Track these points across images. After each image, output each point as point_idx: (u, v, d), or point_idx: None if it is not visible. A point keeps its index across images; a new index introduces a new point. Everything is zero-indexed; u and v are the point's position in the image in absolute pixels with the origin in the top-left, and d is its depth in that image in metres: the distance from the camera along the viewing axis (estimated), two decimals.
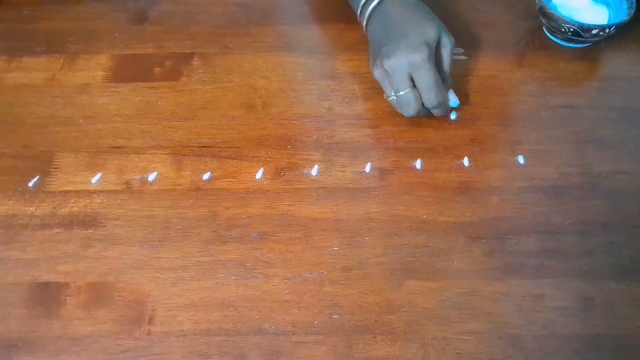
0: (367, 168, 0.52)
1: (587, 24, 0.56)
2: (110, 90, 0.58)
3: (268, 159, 0.53)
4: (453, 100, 0.54)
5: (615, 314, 0.43)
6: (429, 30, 0.50)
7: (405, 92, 0.50)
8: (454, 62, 0.53)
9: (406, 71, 0.49)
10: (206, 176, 0.52)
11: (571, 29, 0.57)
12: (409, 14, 0.52)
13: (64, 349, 0.43)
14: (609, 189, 0.50)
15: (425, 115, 0.54)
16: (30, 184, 0.51)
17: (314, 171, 0.52)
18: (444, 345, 0.42)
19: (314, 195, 0.50)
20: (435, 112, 0.53)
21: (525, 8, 0.64)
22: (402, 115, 0.55)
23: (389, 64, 0.50)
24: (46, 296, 0.45)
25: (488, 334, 0.43)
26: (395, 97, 0.51)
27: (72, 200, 0.50)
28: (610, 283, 0.45)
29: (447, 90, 0.53)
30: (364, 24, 0.56)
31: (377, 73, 0.52)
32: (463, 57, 0.60)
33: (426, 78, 0.49)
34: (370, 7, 0.54)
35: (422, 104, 0.51)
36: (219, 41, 0.62)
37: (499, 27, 0.63)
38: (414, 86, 0.50)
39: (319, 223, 0.49)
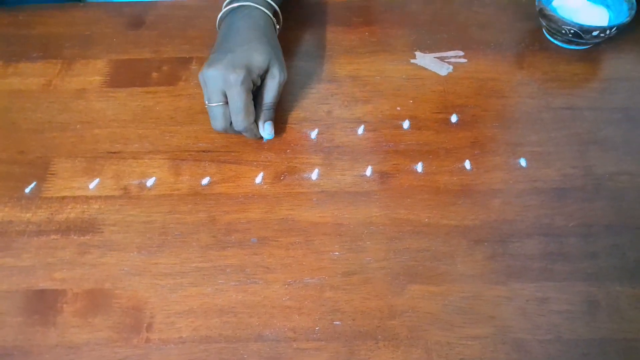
0: (368, 171, 0.51)
1: (587, 26, 0.56)
2: (107, 95, 0.58)
3: (268, 163, 0.52)
4: (267, 132, 0.52)
5: (621, 317, 0.43)
6: (258, 56, 0.50)
7: (215, 105, 0.50)
8: (455, 65, 0.53)
9: (220, 86, 0.49)
10: (205, 181, 0.51)
11: (571, 31, 0.57)
12: (251, 34, 0.52)
13: (60, 358, 0.42)
14: (613, 191, 0.49)
15: (235, 133, 0.52)
16: (27, 190, 0.51)
17: (314, 175, 0.51)
18: (447, 350, 0.42)
19: (314, 199, 0.50)
20: (245, 134, 0.52)
21: (525, 10, 0.64)
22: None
23: (207, 72, 0.49)
24: (42, 304, 0.44)
25: (492, 338, 0.42)
26: (207, 106, 0.51)
27: (69, 206, 0.50)
28: (616, 286, 0.44)
29: (264, 120, 0.52)
30: (218, 21, 0.55)
31: (199, 76, 0.50)
32: (463, 60, 0.60)
33: (236, 100, 0.49)
34: (228, 8, 0.54)
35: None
36: None
37: (499, 29, 0.63)
38: (227, 102, 0.50)
39: (319, 227, 0.48)
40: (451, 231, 0.47)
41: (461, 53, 0.61)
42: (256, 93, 0.52)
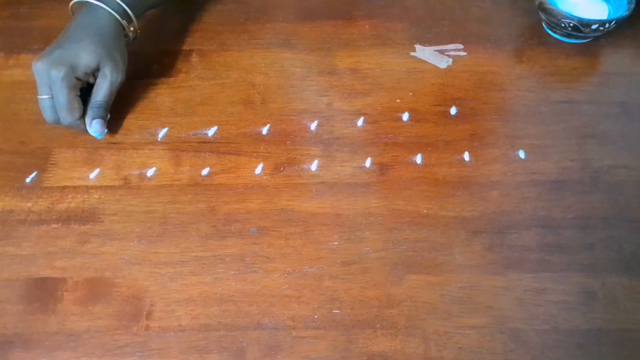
0: (367, 163, 0.52)
1: (586, 19, 0.56)
2: None
3: (267, 155, 0.52)
4: (95, 129, 0.51)
5: (617, 308, 0.43)
6: (87, 55, 0.50)
7: (43, 97, 0.50)
8: (455, 58, 0.53)
9: (46, 79, 0.50)
10: (205, 171, 0.51)
11: (571, 24, 0.57)
12: (86, 32, 0.52)
13: (60, 345, 0.42)
14: (610, 183, 0.50)
15: (66, 126, 0.52)
16: (28, 180, 0.51)
17: (314, 166, 0.51)
18: (445, 339, 0.42)
19: (313, 190, 0.50)
20: (73, 129, 0.53)
21: (525, 4, 0.64)
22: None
23: (34, 65, 0.50)
24: (43, 292, 0.45)
25: (489, 328, 0.43)
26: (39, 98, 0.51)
27: (70, 196, 0.50)
28: (612, 277, 0.45)
29: (91, 118, 0.51)
30: (70, 10, 0.55)
31: (32, 65, 0.50)
32: (463, 53, 0.60)
33: (58, 96, 0.50)
34: (76, 1, 0.54)
35: None
36: (217, 38, 0.62)
37: (498, 22, 0.63)
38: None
39: (318, 218, 0.48)
40: (450, 222, 0.48)
41: (461, 46, 0.61)
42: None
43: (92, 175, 0.51)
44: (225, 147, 0.53)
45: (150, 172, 0.51)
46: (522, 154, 0.52)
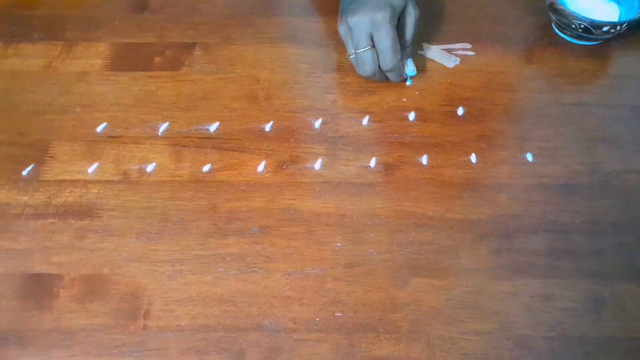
0: (372, 163, 0.50)
1: (598, 21, 0.55)
2: (109, 79, 0.57)
3: (270, 152, 0.51)
4: (410, 68, 0.55)
5: (626, 316, 0.42)
6: None
7: (364, 49, 0.51)
8: (463, 57, 0.52)
9: (367, 29, 0.51)
10: (206, 168, 0.50)
11: (582, 26, 0.56)
12: None
13: (55, 343, 0.41)
14: (620, 189, 0.49)
15: (381, 79, 0.54)
16: (25, 173, 0.50)
17: (317, 165, 0.50)
18: (449, 345, 0.41)
19: (317, 189, 0.49)
20: (390, 76, 0.54)
21: (535, 4, 0.63)
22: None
23: (352, 20, 0.51)
24: (38, 288, 0.44)
25: (495, 334, 0.42)
26: (354, 55, 0.53)
27: (68, 190, 0.49)
28: (622, 284, 0.44)
29: (406, 58, 0.54)
30: None
31: (342, 29, 0.53)
32: (471, 53, 0.59)
33: (384, 39, 0.51)
34: None
35: (379, 67, 0.53)
36: (221, 31, 0.61)
37: (508, 22, 0.62)
38: (374, 46, 0.51)
39: (321, 218, 0.47)
40: (456, 225, 0.47)
41: (469, 46, 0.60)
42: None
43: (90, 169, 0.50)
44: (228, 144, 0.52)
45: (150, 168, 0.50)
46: (530, 157, 0.51)
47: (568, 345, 0.41)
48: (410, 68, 0.54)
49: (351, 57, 0.53)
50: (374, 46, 0.51)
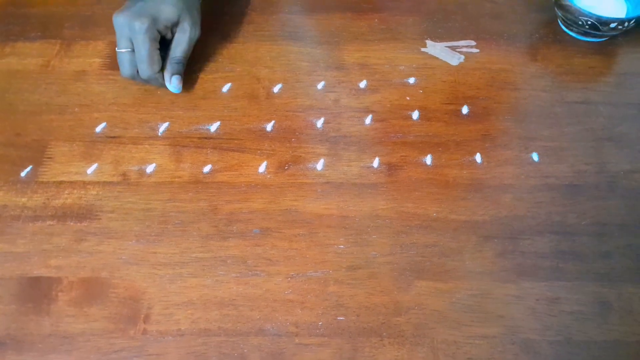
0: (375, 163, 0.50)
1: (605, 18, 0.54)
2: (107, 78, 0.56)
3: (271, 152, 0.50)
4: (174, 85, 0.52)
5: (634, 319, 0.41)
6: (167, 8, 0.51)
7: (122, 51, 0.51)
8: (467, 55, 0.51)
9: (127, 32, 0.50)
10: (207, 169, 0.49)
11: (589, 22, 0.55)
12: None
13: (54, 348, 0.40)
14: (628, 189, 0.48)
15: (142, 82, 0.53)
16: (23, 174, 0.49)
17: (320, 165, 0.50)
18: (454, 349, 0.40)
19: (319, 190, 0.48)
20: (151, 83, 0.54)
21: (540, 0, 0.62)
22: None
23: (116, 19, 0.51)
24: (36, 291, 0.43)
25: (500, 338, 0.41)
26: (117, 52, 0.52)
27: (66, 192, 0.48)
28: (629, 287, 0.43)
29: (171, 73, 0.52)
30: None
31: (113, 20, 0.51)
32: (475, 50, 0.58)
33: (140, 48, 0.50)
34: None
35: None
36: (220, 29, 0.60)
37: (513, 19, 0.61)
38: (133, 50, 0.51)
39: (324, 219, 0.46)
40: (460, 226, 0.46)
41: (473, 43, 0.59)
42: (169, 46, 0.53)
43: (89, 171, 0.49)
44: (228, 144, 0.51)
45: (150, 168, 0.49)
46: (535, 157, 0.50)
47: (574, 349, 0.40)
48: (173, 85, 0.52)
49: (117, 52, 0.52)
50: (133, 50, 0.51)
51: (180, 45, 0.53)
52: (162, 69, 0.52)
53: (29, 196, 0.48)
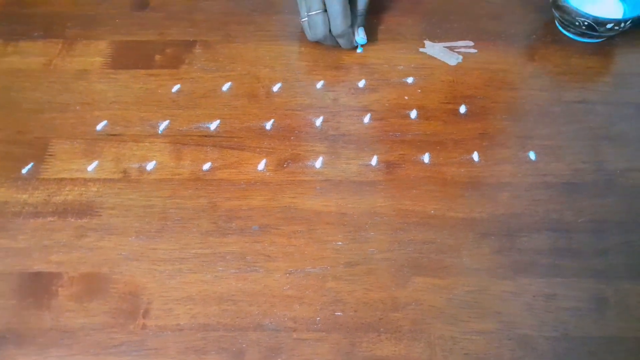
0: (374, 161, 0.50)
1: (602, 18, 0.55)
2: (109, 77, 0.56)
3: (271, 150, 0.51)
4: (361, 36, 0.57)
5: (630, 316, 0.42)
6: None
7: (315, 12, 0.54)
8: (465, 55, 0.52)
9: None
10: (206, 166, 0.50)
11: (585, 23, 0.55)
12: None
13: (54, 342, 0.41)
14: (625, 187, 0.48)
15: (332, 44, 0.57)
16: (24, 171, 0.49)
17: (318, 163, 0.50)
18: (451, 345, 0.41)
19: (317, 187, 0.48)
20: (341, 41, 0.56)
21: (538, 1, 0.62)
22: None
23: None
24: (37, 286, 0.43)
25: (497, 334, 0.41)
26: (307, 18, 0.55)
27: (67, 188, 0.48)
28: (625, 283, 0.43)
29: (357, 26, 0.56)
30: None
31: None
32: (473, 50, 0.59)
33: (334, 3, 0.53)
34: None
35: (330, 31, 0.55)
36: (222, 29, 0.61)
37: (510, 20, 0.61)
38: (326, 10, 0.54)
39: (322, 216, 0.47)
40: (458, 224, 0.46)
41: (471, 43, 0.59)
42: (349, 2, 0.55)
43: (90, 168, 0.50)
44: (228, 142, 0.51)
45: (150, 166, 0.50)
46: (533, 155, 0.50)
47: (571, 345, 0.41)
48: (360, 36, 0.56)
49: (303, 19, 0.56)
50: (326, 10, 0.54)
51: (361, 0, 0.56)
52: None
53: (30, 193, 0.48)
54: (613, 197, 0.48)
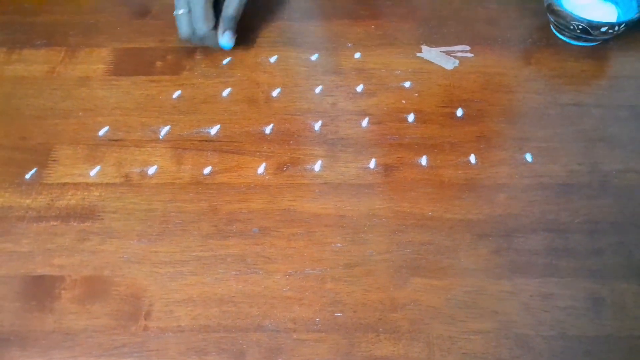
0: (372, 164, 0.51)
1: (596, 22, 0.55)
2: (110, 84, 0.57)
3: (270, 154, 0.52)
4: (225, 40, 0.57)
5: (626, 315, 0.42)
6: None
7: (181, 12, 0.56)
8: (461, 59, 0.53)
9: None
10: (207, 170, 0.50)
11: (580, 27, 0.56)
12: None
13: (57, 344, 0.41)
14: (619, 188, 0.49)
15: (198, 44, 0.59)
16: (27, 176, 0.50)
17: (317, 167, 0.51)
18: (449, 344, 0.41)
19: (316, 190, 0.49)
20: (206, 42, 0.58)
21: (533, 6, 0.63)
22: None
23: None
24: (40, 289, 0.44)
25: (495, 333, 0.42)
26: (175, 16, 0.57)
27: (70, 193, 0.49)
28: (621, 283, 0.44)
29: (223, 29, 0.57)
30: None
31: None
32: (469, 55, 0.59)
33: (196, 7, 0.55)
34: None
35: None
36: None
37: (506, 24, 0.62)
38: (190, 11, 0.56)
39: (321, 219, 0.47)
40: (455, 225, 0.47)
41: (468, 47, 0.60)
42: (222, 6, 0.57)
43: (92, 173, 0.50)
44: (228, 146, 0.52)
45: (151, 170, 0.51)
46: (529, 157, 0.51)
47: (568, 344, 0.41)
48: (225, 39, 0.57)
49: (175, 14, 0.57)
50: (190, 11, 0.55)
51: (232, 3, 0.57)
52: (216, 26, 0.56)
53: (33, 197, 0.49)
54: (608, 198, 0.48)
